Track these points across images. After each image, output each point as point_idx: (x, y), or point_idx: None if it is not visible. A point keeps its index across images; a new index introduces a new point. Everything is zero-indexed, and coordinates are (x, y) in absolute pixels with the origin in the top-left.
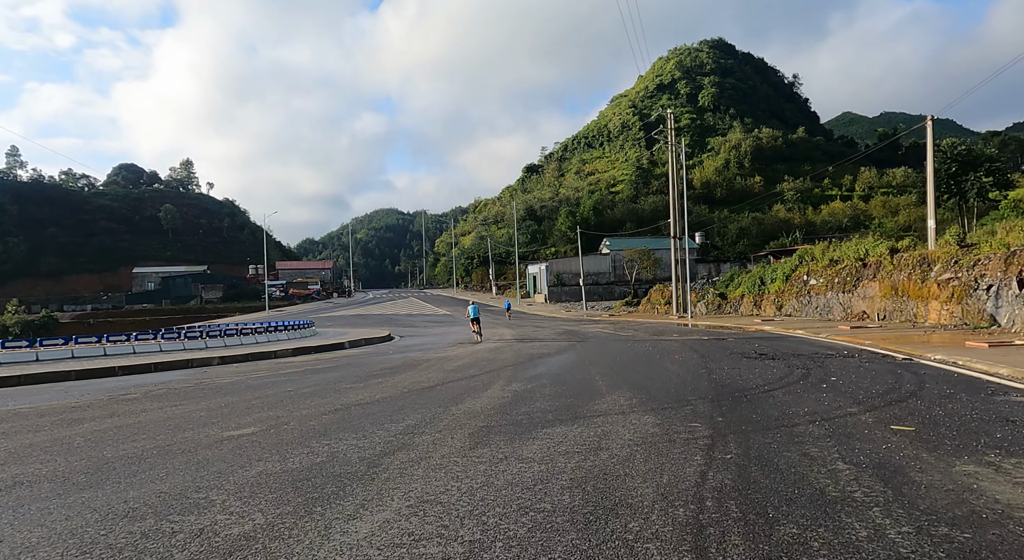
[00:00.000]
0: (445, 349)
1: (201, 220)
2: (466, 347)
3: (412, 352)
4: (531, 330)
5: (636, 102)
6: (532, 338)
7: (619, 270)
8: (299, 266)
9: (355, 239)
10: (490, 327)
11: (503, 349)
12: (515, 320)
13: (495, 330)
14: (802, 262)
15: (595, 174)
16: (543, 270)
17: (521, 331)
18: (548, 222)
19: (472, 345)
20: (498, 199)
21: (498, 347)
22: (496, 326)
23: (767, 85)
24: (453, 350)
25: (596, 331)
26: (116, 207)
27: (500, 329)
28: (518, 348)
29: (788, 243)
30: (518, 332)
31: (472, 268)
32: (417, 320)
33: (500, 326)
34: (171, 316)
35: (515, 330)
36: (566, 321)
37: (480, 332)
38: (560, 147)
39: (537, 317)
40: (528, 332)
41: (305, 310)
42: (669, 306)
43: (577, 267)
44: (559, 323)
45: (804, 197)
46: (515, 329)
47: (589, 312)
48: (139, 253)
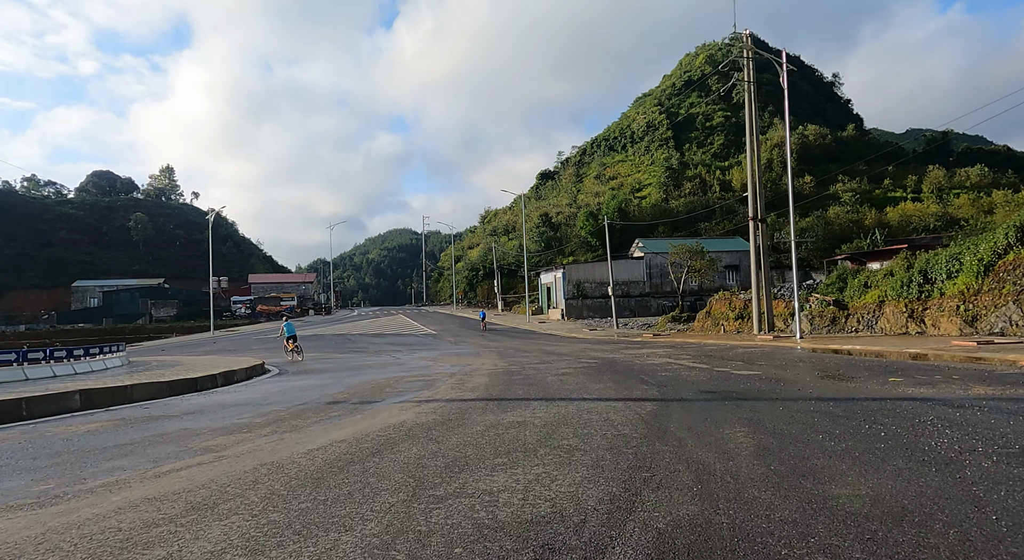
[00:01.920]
0: (293, 417)
1: (178, 231)
2: (347, 418)
3: (202, 420)
4: (533, 358)
5: (662, 100)
6: (535, 389)
7: (655, 278)
8: (275, 280)
9: (368, 259)
10: (450, 352)
11: (447, 434)
12: (504, 339)
13: (455, 359)
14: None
15: (618, 178)
16: (559, 279)
17: (512, 361)
18: (565, 229)
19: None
20: (510, 209)
21: (434, 425)
22: (462, 347)
23: (807, 83)
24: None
25: (663, 363)
26: (81, 217)
27: (464, 356)
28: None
29: (867, 245)
30: (503, 364)
31: (477, 282)
32: (376, 343)
33: (468, 347)
34: (83, 337)
35: (498, 359)
36: (594, 343)
37: (299, 350)
38: (578, 151)
39: (549, 337)
40: (526, 365)
41: (255, 330)
42: (743, 321)
43: (601, 274)
44: (585, 348)
45: (864, 198)
46: (499, 357)
47: (622, 331)
48: (101, 267)
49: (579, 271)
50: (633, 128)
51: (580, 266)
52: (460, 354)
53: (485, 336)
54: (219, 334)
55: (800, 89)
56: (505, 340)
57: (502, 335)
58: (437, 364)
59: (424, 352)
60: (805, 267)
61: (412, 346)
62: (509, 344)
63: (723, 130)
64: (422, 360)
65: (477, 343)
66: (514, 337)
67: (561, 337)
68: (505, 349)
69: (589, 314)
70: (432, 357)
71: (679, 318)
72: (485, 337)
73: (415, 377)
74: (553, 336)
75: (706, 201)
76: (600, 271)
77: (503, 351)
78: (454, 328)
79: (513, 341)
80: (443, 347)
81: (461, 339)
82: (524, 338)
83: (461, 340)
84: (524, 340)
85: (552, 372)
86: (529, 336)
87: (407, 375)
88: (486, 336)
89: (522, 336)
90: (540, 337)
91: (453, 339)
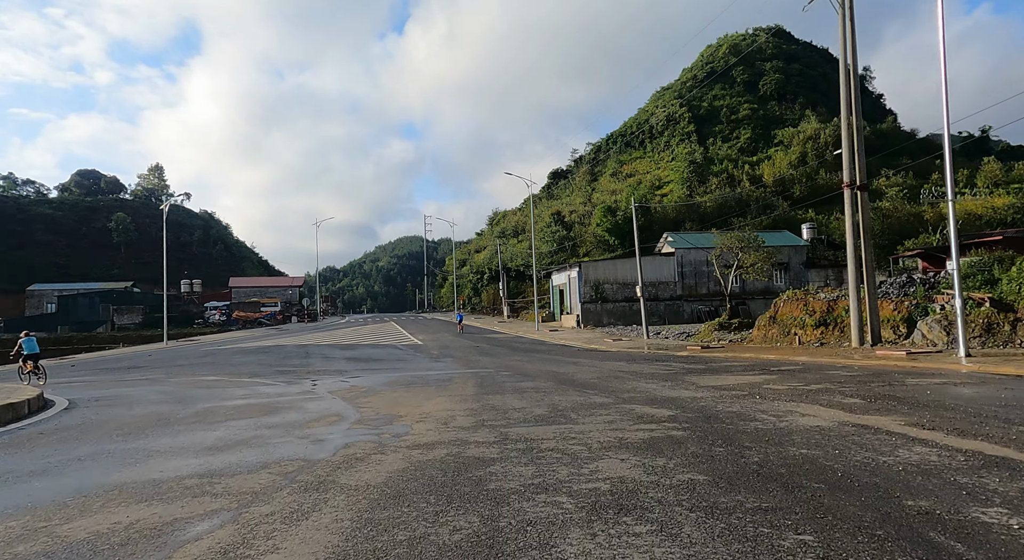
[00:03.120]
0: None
1: (163, 233)
2: None
3: None
4: (537, 399)
5: (683, 93)
6: None
7: (688, 278)
8: (258, 283)
9: (377, 267)
10: (412, 377)
11: None
12: (503, 354)
13: (394, 397)
14: None
15: (635, 175)
16: (573, 279)
17: (496, 408)
18: (579, 228)
19: None
20: (519, 209)
21: None
22: (439, 365)
23: (837, 75)
24: None
25: (837, 427)
26: (59, 217)
27: (416, 388)
28: None
29: (936, 241)
30: (469, 421)
31: (482, 286)
32: (334, 359)
33: (450, 366)
34: None
35: (472, 400)
36: (629, 361)
37: (39, 372)
38: (592, 149)
39: (563, 350)
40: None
41: (220, 341)
42: (828, 329)
43: (624, 273)
44: (620, 371)
45: (912, 194)
46: (475, 395)
47: (656, 342)
48: (77, 270)
49: (597, 270)
50: (652, 123)
51: (599, 264)
52: (417, 384)
53: (481, 349)
54: (170, 346)
55: (831, 80)
56: (504, 355)
57: (502, 347)
58: (356, 408)
59: (374, 376)
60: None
61: (374, 363)
62: (507, 362)
63: (750, 123)
64: (341, 400)
65: (465, 360)
66: (517, 350)
67: (579, 350)
68: (497, 372)
69: (610, 320)
70: (368, 389)
71: (727, 325)
72: (481, 350)
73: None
74: (567, 349)
75: (737, 195)
76: (623, 270)
77: (491, 378)
78: (446, 338)
79: (514, 357)
80: (414, 366)
81: (447, 352)
82: (530, 352)
83: (447, 353)
84: (529, 355)
85: (586, 463)
86: (536, 349)
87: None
88: (482, 349)
89: (528, 349)
90: (551, 351)
91: (437, 352)
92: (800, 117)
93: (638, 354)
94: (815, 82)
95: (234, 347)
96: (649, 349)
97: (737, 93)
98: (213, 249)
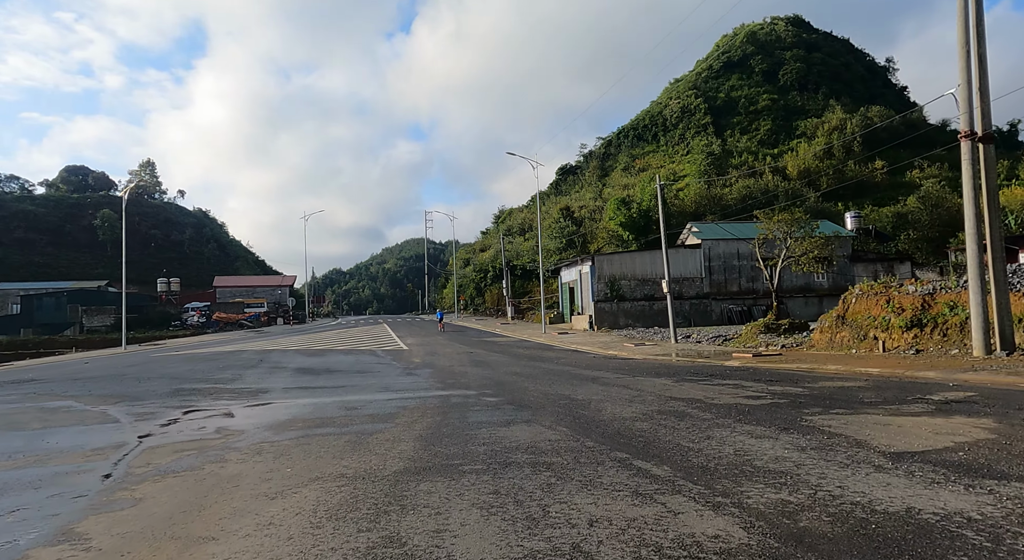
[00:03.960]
0: None
1: (154, 232)
2: None
3: None
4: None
5: (698, 84)
6: None
7: (717, 273)
8: (245, 283)
9: (384, 269)
10: (281, 429)
11: None
12: (500, 362)
13: None
14: None
15: (649, 170)
16: (585, 275)
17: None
18: (590, 224)
19: None
20: (526, 207)
21: None
22: (405, 383)
23: (860, 66)
24: None
25: None
26: (42, 214)
27: (271, 469)
28: None
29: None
30: None
31: (486, 285)
32: (279, 371)
33: (419, 381)
34: None
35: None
36: (676, 380)
37: None
38: (603, 144)
39: (575, 357)
40: None
41: (186, 345)
42: (924, 332)
43: (644, 268)
44: (670, 397)
45: (951, 186)
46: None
47: (686, 347)
48: (59, 269)
49: (613, 264)
50: (665, 115)
51: (614, 258)
52: (330, 428)
53: (474, 357)
54: (128, 351)
55: (854, 71)
56: (501, 364)
57: (500, 354)
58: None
59: (296, 402)
60: (905, 260)
61: (324, 377)
62: (502, 376)
63: (770, 114)
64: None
65: (447, 372)
66: (518, 358)
67: (595, 358)
68: (480, 395)
69: (627, 321)
70: (221, 446)
71: (774, 326)
72: (473, 358)
73: None
74: (581, 356)
75: (762, 186)
76: (642, 264)
77: (463, 413)
78: (437, 341)
79: (512, 369)
80: (370, 383)
81: (431, 360)
82: (534, 361)
83: (430, 362)
84: (533, 365)
85: None
86: (542, 357)
87: None
88: (475, 356)
89: (532, 356)
90: (560, 360)
91: (419, 360)
92: (824, 107)
93: (678, 366)
94: (837, 72)
95: (187, 353)
96: (682, 356)
97: (756, 83)
98: (205, 248)
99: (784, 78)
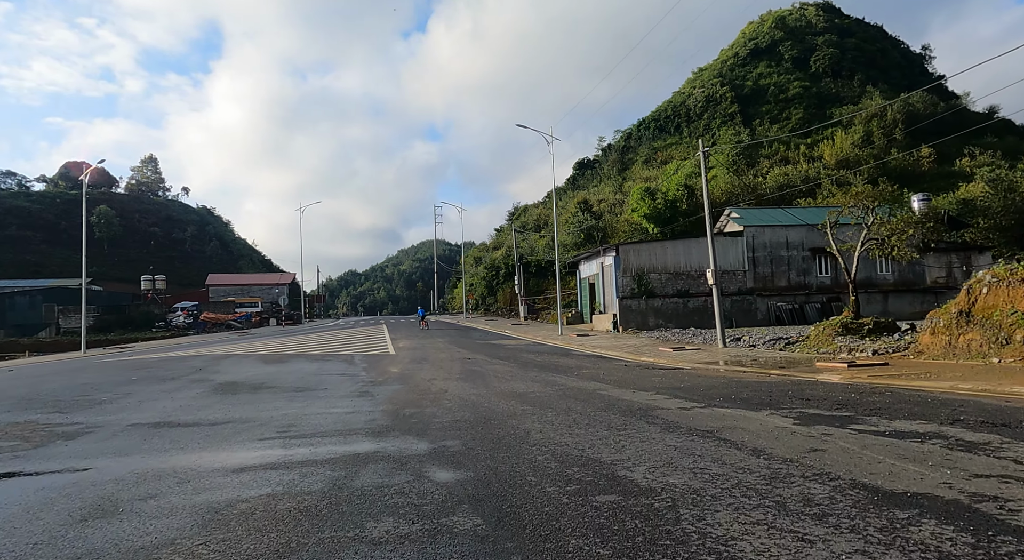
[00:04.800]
0: None
1: (154, 229)
2: None
3: None
4: None
5: (724, 72)
6: None
7: (762, 266)
8: (239, 281)
9: (399, 270)
10: None
11: None
12: (498, 376)
13: None
14: None
15: (672, 162)
16: (608, 268)
17: None
18: (610, 217)
19: None
20: (542, 203)
21: None
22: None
23: (896, 52)
24: None
25: None
26: (37, 211)
27: None
28: None
29: None
30: None
31: (498, 283)
32: (191, 388)
33: (368, 405)
34: None
35: None
36: (769, 406)
37: None
38: (622, 136)
39: (603, 366)
40: None
41: (155, 348)
42: None
43: (676, 259)
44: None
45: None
46: None
47: (738, 351)
48: (52, 268)
49: (640, 255)
50: (689, 105)
51: (642, 248)
52: None
53: (472, 365)
54: (86, 356)
55: (891, 58)
56: (501, 376)
57: (504, 362)
58: None
59: (69, 473)
60: (984, 250)
61: (239, 407)
62: (491, 399)
63: (801, 102)
64: None
65: (423, 394)
66: (527, 367)
67: (627, 366)
68: (435, 446)
69: (658, 321)
70: None
71: (854, 327)
72: (468, 369)
73: None
74: (608, 364)
75: (802, 174)
76: (674, 255)
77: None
78: (434, 344)
79: (517, 381)
80: (299, 405)
81: (415, 370)
82: (546, 371)
83: (412, 372)
84: (543, 379)
85: None
86: (558, 367)
87: None
88: (473, 365)
89: (545, 364)
90: (583, 370)
91: (397, 369)
92: (860, 94)
93: (751, 382)
94: (872, 57)
95: (135, 359)
96: (741, 365)
97: (785, 70)
98: (207, 246)
99: (816, 65)
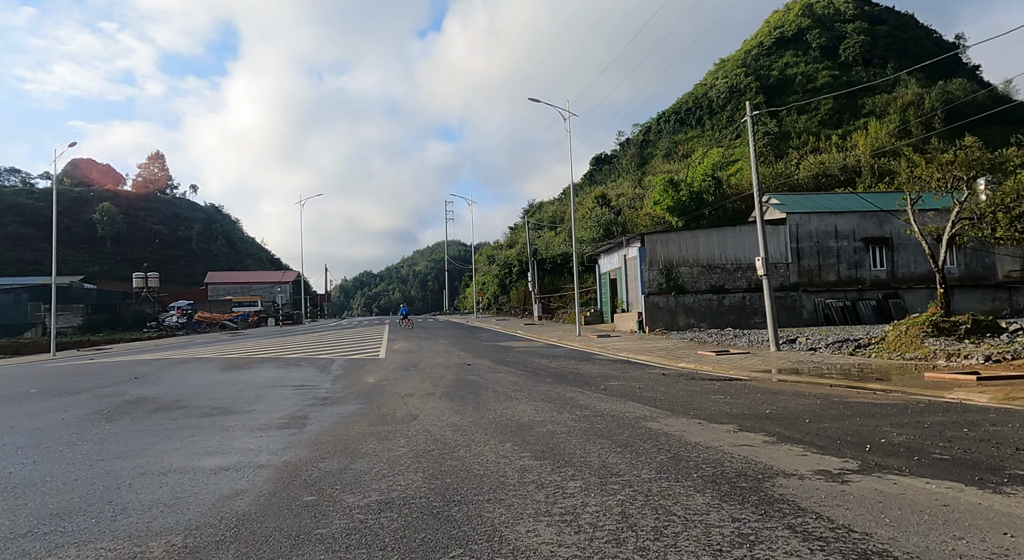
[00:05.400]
0: None
1: (159, 227)
2: None
3: None
4: None
5: (748, 62)
6: None
7: (808, 258)
8: (239, 279)
9: (415, 271)
10: None
11: None
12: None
13: None
14: None
15: (695, 155)
16: (632, 261)
17: None
18: (629, 212)
19: None
20: (557, 200)
21: None
22: None
23: (930, 41)
24: None
25: None
26: (39, 209)
27: None
28: None
29: None
30: None
31: (511, 282)
32: (92, 402)
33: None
34: None
35: None
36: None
37: None
38: (641, 129)
39: (635, 375)
40: None
41: (135, 349)
42: None
43: (710, 250)
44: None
45: None
46: None
47: (798, 356)
48: (47, 267)
49: (669, 246)
50: (711, 96)
51: (670, 237)
52: None
53: (470, 372)
54: (56, 358)
55: (924, 46)
56: (504, 389)
57: (511, 367)
58: None
59: None
60: None
61: (135, 427)
62: (482, 435)
63: (831, 91)
64: None
65: (383, 414)
66: (537, 377)
67: (667, 376)
68: None
69: (689, 320)
70: None
71: (949, 328)
72: (466, 377)
73: None
74: (640, 372)
75: (839, 162)
76: (707, 245)
77: None
78: (434, 347)
79: (522, 401)
80: (197, 439)
81: (401, 378)
82: (562, 383)
83: (389, 383)
84: (557, 395)
85: None
86: (577, 377)
87: None
88: (472, 372)
89: (561, 373)
90: (610, 382)
91: (373, 379)
92: (894, 82)
93: (854, 404)
94: (906, 45)
95: (88, 364)
96: (821, 375)
97: (813, 59)
98: (213, 244)
99: (846, 53)
